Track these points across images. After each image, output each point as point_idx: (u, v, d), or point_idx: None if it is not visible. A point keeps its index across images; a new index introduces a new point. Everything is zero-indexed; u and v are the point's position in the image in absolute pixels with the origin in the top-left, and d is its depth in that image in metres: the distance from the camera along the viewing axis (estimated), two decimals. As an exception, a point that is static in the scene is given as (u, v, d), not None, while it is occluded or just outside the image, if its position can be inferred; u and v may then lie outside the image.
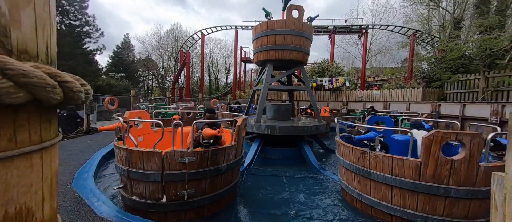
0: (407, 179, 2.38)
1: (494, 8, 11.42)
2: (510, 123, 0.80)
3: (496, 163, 2.40)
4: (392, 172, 2.50)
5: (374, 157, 2.66)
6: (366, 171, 2.76)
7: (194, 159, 2.52)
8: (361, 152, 2.82)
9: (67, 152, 4.69)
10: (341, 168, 3.39)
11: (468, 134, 2.14)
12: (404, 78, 18.80)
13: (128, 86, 27.72)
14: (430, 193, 2.29)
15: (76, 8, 22.56)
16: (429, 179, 2.28)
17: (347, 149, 3.07)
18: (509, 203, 0.80)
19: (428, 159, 2.25)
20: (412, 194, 2.39)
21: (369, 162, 2.73)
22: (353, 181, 3.07)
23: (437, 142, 2.19)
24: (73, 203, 2.63)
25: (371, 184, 2.77)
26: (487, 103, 7.76)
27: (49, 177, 0.65)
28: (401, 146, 3.07)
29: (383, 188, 2.62)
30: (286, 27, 5.80)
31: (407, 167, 2.37)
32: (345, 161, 3.14)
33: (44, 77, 0.53)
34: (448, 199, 2.27)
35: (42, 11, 0.60)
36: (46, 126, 0.63)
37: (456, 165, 2.19)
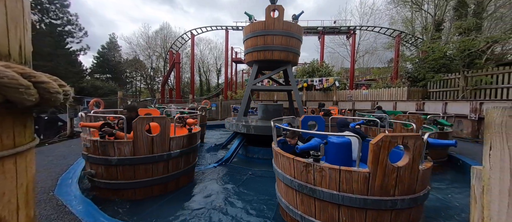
0: (356, 194, 2.01)
1: (471, 11, 12.10)
2: (486, 120, 0.84)
3: (427, 163, 2.23)
4: (339, 187, 2.07)
5: (319, 170, 2.14)
6: (310, 188, 2.22)
7: (89, 145, 3.23)
8: (304, 165, 2.26)
9: (49, 158, 4.46)
10: (280, 183, 2.72)
11: (412, 137, 1.92)
12: (390, 78, 19.47)
13: (114, 88, 26.87)
14: (379, 208, 1.99)
15: (57, 6, 21.60)
16: (377, 192, 1.97)
17: (288, 160, 2.44)
18: (487, 195, 0.84)
19: (376, 168, 1.92)
20: (361, 212, 2.04)
21: (313, 177, 2.21)
22: (295, 200, 2.47)
23: (385, 147, 1.87)
24: (56, 211, 2.50)
25: (316, 203, 2.25)
26: (466, 101, 8.20)
27: (25, 184, 0.61)
28: (339, 149, 2.71)
29: (330, 208, 2.15)
30: (274, 28, 5.85)
31: (356, 180, 1.98)
32: (285, 175, 2.51)
33: (16, 77, 0.49)
34: (394, 211, 2.03)
35: (14, 8, 0.56)
36: (20, 130, 0.59)
37: (401, 172, 1.95)
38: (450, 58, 11.99)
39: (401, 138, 1.90)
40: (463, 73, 10.48)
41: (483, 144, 0.85)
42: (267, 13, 5.96)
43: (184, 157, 3.71)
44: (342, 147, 2.71)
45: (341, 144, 2.71)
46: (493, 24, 11.66)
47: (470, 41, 9.50)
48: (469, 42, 9.50)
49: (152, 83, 36.16)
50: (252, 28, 6.09)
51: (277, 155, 2.70)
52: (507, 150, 0.77)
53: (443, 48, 11.46)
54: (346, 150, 2.72)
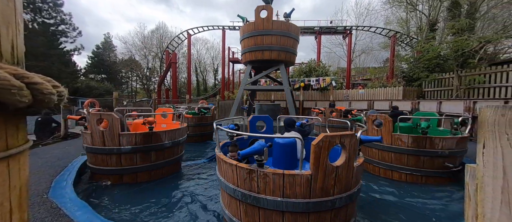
0: (299, 198, 1.95)
1: (464, 11, 12.31)
2: (480, 119, 0.86)
3: (359, 159, 2.28)
4: (283, 193, 1.98)
5: (263, 176, 2.01)
6: (254, 197, 2.07)
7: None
8: (247, 171, 2.09)
9: (43, 159, 4.38)
10: (223, 193, 2.53)
11: (348, 136, 1.93)
12: (386, 77, 19.70)
13: (110, 88, 26.56)
14: (320, 209, 1.98)
15: (50, 6, 21.22)
16: (319, 193, 1.95)
17: (230, 167, 2.24)
18: (480, 192, 0.85)
19: (318, 169, 1.88)
20: (303, 216, 2.00)
21: (257, 184, 2.06)
22: (238, 212, 2.28)
23: (325, 148, 1.85)
24: (51, 214, 2.45)
25: (260, 213, 2.12)
26: (460, 100, 8.34)
27: (18, 186, 0.60)
28: (283, 150, 2.64)
29: (274, 216, 2.06)
30: (263, 28, 5.88)
31: (299, 183, 1.93)
32: (227, 184, 2.30)
33: (8, 78, 0.48)
34: (334, 211, 2.05)
35: (6, 7, 0.55)
36: (13, 132, 0.58)
37: (339, 171, 1.96)
38: (444, 58, 12.19)
39: (339, 137, 1.89)
40: (457, 72, 10.66)
41: (477, 143, 0.87)
42: (256, 13, 5.99)
43: (140, 154, 3.94)
44: (286, 147, 2.61)
45: (285, 144, 2.61)
46: (486, 24, 11.88)
47: (464, 41, 9.67)
48: (463, 42, 9.67)
49: (148, 83, 35.85)
50: (245, 29, 6.16)
51: (220, 162, 2.42)
52: (499, 148, 0.78)
53: (437, 48, 11.64)
54: (291, 150, 2.62)
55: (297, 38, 6.51)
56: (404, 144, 4.12)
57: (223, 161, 2.32)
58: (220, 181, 2.45)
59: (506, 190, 0.77)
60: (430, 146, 3.98)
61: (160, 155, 4.17)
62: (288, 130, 3.16)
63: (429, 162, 4.04)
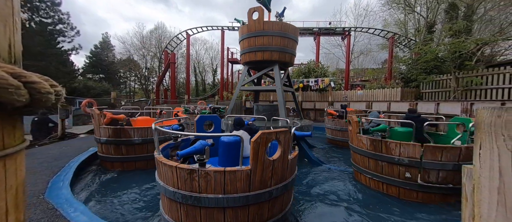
0: (239, 193, 2.05)
1: (462, 13, 12.42)
2: (476, 120, 0.86)
3: (294, 153, 2.59)
4: (224, 190, 2.04)
5: (204, 175, 2.02)
6: (195, 197, 2.06)
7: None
8: (188, 171, 2.05)
9: (39, 160, 4.35)
10: (163, 198, 2.45)
11: (282, 132, 2.11)
12: (385, 78, 19.79)
13: (108, 88, 26.39)
14: (259, 201, 2.12)
15: (48, 5, 21.05)
16: (257, 186, 2.08)
17: (170, 169, 2.15)
18: (477, 193, 0.86)
19: (256, 163, 2.01)
20: (244, 209, 2.10)
21: (198, 184, 2.05)
22: (179, 215, 2.24)
23: (263, 144, 1.99)
24: (47, 215, 2.43)
25: (201, 213, 2.11)
26: (458, 102, 8.39)
27: (14, 187, 0.59)
28: (229, 148, 2.70)
29: (215, 214, 2.09)
30: (255, 30, 5.94)
31: (239, 178, 2.03)
32: (167, 188, 2.21)
33: (5, 77, 0.48)
34: (271, 201, 2.22)
35: (4, 6, 0.55)
36: (10, 131, 0.57)
37: (275, 164, 2.15)
38: (442, 59, 12.28)
39: (274, 133, 2.07)
40: (454, 74, 10.74)
41: (474, 144, 0.88)
42: (249, 16, 6.06)
43: (113, 146, 4.58)
44: (232, 145, 2.66)
45: (230, 142, 2.67)
46: (483, 26, 11.99)
47: (461, 43, 9.75)
48: (460, 44, 9.75)
49: (147, 83, 35.70)
50: (243, 30, 6.24)
51: (159, 165, 2.32)
52: (496, 149, 0.79)
53: (435, 50, 11.71)
54: (237, 149, 2.64)
55: (296, 38, 6.50)
56: (364, 146, 3.86)
57: (162, 163, 2.21)
58: (159, 186, 2.34)
59: (503, 191, 0.78)
60: (386, 151, 3.56)
61: (128, 151, 4.65)
62: (236, 128, 3.17)
63: (387, 168, 3.61)
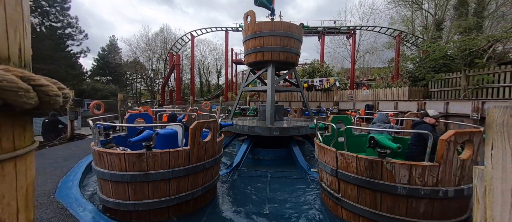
0: (182, 167, 2.77)
1: (472, 10, 12.07)
2: (488, 119, 0.84)
3: (220, 138, 3.48)
4: (169, 165, 2.70)
5: (152, 156, 2.59)
6: (144, 174, 2.57)
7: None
8: (136, 155, 2.54)
9: (49, 160, 4.47)
10: (106, 184, 2.74)
11: (211, 121, 3.02)
12: (391, 77, 19.45)
13: (115, 90, 26.93)
14: (196, 171, 2.91)
15: (57, 9, 21.67)
16: (195, 161, 2.89)
17: (118, 157, 2.56)
18: (489, 195, 0.83)
19: (194, 145, 2.82)
20: (184, 179, 2.86)
21: (146, 164, 2.58)
22: (126, 193, 2.63)
23: (198, 131, 2.82)
24: (57, 214, 2.50)
25: (149, 186, 2.63)
26: (468, 101, 8.16)
27: (25, 187, 0.61)
28: (167, 139, 3.23)
29: (161, 185, 2.70)
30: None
31: (181, 156, 2.76)
32: (114, 172, 2.60)
33: (15, 81, 0.49)
34: (205, 171, 3.06)
35: (14, 12, 0.56)
36: (20, 133, 0.59)
37: (208, 145, 3.03)
38: (451, 57, 11.96)
39: (206, 123, 2.95)
40: (464, 72, 10.45)
41: (485, 144, 0.85)
42: (244, 19, 6.38)
43: None
44: (169, 137, 3.27)
45: (168, 134, 3.27)
46: (495, 22, 11.61)
47: (471, 40, 9.48)
48: (470, 41, 9.48)
49: (153, 85, 36.22)
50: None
51: (102, 155, 2.70)
52: (509, 149, 0.76)
53: (443, 47, 11.43)
54: (173, 139, 3.29)
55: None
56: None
57: (108, 153, 2.66)
58: (100, 173, 2.74)
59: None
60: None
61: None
62: (172, 122, 3.83)
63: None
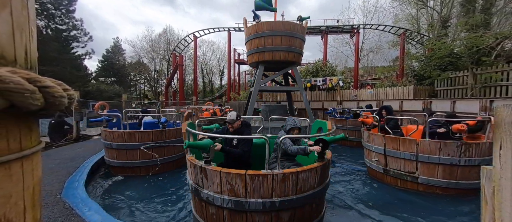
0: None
1: (479, 6, 11.83)
2: (496, 119, 0.82)
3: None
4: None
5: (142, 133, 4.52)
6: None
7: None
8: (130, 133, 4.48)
9: (56, 161, 4.55)
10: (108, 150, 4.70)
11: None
12: (396, 76, 19.19)
13: (119, 91, 27.27)
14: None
15: (63, 12, 22.02)
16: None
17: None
18: (498, 195, 0.81)
19: None
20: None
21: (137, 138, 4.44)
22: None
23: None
24: (63, 214, 2.54)
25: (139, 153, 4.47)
26: (476, 99, 7.99)
27: (31, 186, 0.62)
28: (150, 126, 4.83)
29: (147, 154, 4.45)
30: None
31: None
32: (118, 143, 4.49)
33: (22, 82, 0.50)
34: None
35: (20, 15, 0.57)
36: (27, 133, 0.60)
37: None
38: (458, 55, 11.74)
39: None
40: (472, 70, 10.25)
41: (493, 144, 0.83)
42: (244, 24, 6.78)
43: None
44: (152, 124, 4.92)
45: (150, 122, 4.93)
46: (503, 19, 11.35)
47: (478, 37, 9.29)
48: (478, 39, 9.29)
49: (156, 85, 36.52)
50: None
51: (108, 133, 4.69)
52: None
53: (449, 45, 11.23)
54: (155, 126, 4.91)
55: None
56: None
57: (113, 132, 4.58)
58: (107, 144, 4.63)
59: (526, 193, 0.73)
60: None
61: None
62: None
63: None
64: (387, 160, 4.17)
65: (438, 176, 3.65)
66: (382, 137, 4.14)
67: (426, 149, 3.67)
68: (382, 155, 4.20)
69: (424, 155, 3.68)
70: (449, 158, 3.53)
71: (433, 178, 3.68)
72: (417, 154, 3.76)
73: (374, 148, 4.36)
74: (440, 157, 3.56)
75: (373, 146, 4.41)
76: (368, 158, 4.74)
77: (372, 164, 4.49)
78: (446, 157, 3.54)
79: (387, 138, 4.09)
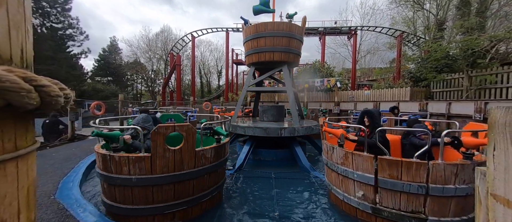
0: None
1: (474, 9, 12.01)
2: (489, 120, 0.83)
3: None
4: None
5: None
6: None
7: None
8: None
9: (50, 161, 4.48)
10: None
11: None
12: (393, 78, 19.38)
13: (115, 91, 27.03)
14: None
15: (58, 10, 21.77)
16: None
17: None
18: (491, 196, 0.82)
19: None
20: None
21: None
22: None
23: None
24: (57, 215, 2.50)
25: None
26: (471, 101, 8.10)
27: (26, 187, 0.61)
28: None
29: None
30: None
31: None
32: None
33: (17, 81, 0.50)
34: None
35: (16, 13, 0.57)
36: (22, 133, 0.59)
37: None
38: (453, 58, 11.91)
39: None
40: (467, 73, 10.40)
41: (487, 145, 0.84)
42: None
43: None
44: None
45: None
46: (497, 22, 11.55)
47: (474, 40, 9.44)
48: (473, 42, 9.43)
49: (153, 85, 36.29)
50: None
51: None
52: (511, 150, 0.76)
53: (445, 48, 11.38)
54: None
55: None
56: None
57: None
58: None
59: (519, 194, 0.74)
60: None
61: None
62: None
63: None
64: (380, 194, 2.80)
65: (450, 214, 2.55)
66: (373, 159, 2.78)
67: (440, 176, 2.50)
68: (371, 187, 2.83)
69: (437, 186, 2.49)
70: (466, 187, 2.48)
71: (445, 218, 2.56)
72: (428, 184, 2.53)
73: (357, 175, 2.92)
74: (457, 187, 2.47)
75: (355, 172, 2.95)
76: (339, 188, 3.25)
77: (351, 199, 3.05)
78: (463, 186, 2.48)
79: (382, 161, 2.71)
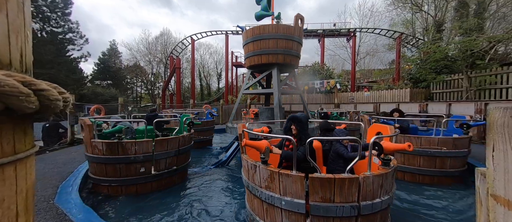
0: None
1: (472, 11, 12.10)
2: (488, 121, 0.83)
3: None
4: None
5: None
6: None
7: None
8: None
9: (50, 165, 4.46)
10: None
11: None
12: (392, 79, 19.42)
13: (115, 94, 27.07)
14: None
15: (58, 15, 21.91)
16: None
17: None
18: (491, 197, 0.82)
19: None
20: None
21: None
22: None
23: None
24: (56, 220, 2.47)
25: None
26: (471, 102, 8.11)
27: (24, 190, 0.61)
28: None
29: None
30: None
31: None
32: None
33: (16, 85, 0.50)
34: None
35: (16, 18, 0.57)
36: (21, 137, 0.59)
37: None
38: (452, 59, 11.95)
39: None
40: (466, 73, 10.42)
41: (486, 145, 0.84)
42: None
43: None
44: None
45: None
46: (496, 23, 11.63)
47: (472, 41, 9.48)
48: (471, 43, 9.48)
49: (153, 89, 36.34)
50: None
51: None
52: (510, 151, 0.76)
53: (444, 49, 11.43)
54: None
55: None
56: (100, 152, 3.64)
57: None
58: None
59: (519, 194, 0.74)
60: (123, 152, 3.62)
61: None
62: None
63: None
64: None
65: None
66: (303, 179, 1.90)
67: (369, 191, 1.94)
68: (302, 216, 1.95)
69: (367, 203, 1.92)
70: (387, 198, 2.06)
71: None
72: (359, 203, 1.91)
73: (286, 202, 1.98)
74: (382, 200, 1.98)
75: (282, 198, 2.01)
76: (264, 220, 2.25)
77: None
78: (386, 197, 2.03)
79: (314, 181, 1.85)
